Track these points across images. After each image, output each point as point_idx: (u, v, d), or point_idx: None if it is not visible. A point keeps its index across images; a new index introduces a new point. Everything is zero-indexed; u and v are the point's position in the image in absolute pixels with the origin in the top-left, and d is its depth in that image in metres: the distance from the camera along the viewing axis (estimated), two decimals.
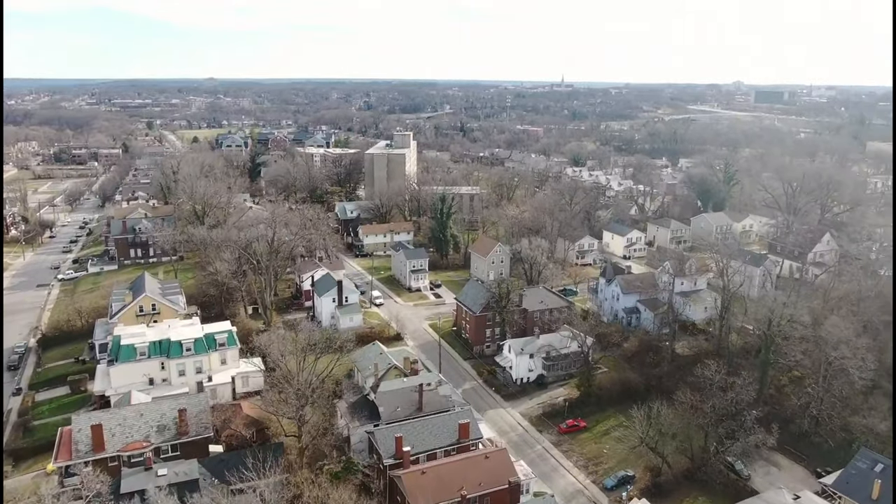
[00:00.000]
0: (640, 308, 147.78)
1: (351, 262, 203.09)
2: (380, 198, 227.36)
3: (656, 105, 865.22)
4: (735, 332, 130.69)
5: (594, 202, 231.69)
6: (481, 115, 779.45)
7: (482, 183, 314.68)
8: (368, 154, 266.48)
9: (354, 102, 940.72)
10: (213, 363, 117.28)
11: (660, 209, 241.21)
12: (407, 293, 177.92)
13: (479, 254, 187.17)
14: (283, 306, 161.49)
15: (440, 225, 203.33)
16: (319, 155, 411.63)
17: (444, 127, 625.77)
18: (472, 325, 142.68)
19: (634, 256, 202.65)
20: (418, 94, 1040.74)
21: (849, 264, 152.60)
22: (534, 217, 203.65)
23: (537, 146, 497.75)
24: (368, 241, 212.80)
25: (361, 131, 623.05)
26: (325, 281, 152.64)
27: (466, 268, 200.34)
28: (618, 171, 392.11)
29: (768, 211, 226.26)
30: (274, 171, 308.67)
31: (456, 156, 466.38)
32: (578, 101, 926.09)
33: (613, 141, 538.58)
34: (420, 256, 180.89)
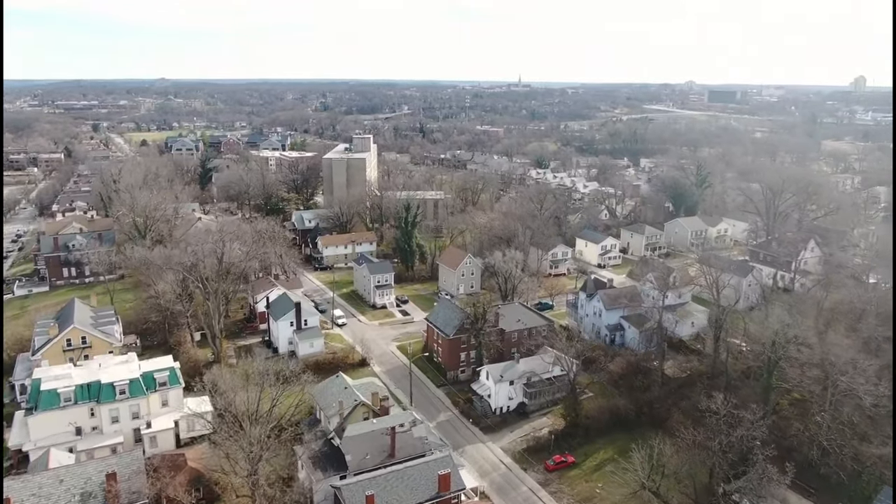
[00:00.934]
0: (624, 325, 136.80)
1: (310, 277, 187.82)
2: (340, 206, 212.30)
3: (613, 105, 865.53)
4: (728, 351, 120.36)
5: (564, 207, 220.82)
6: (440, 115, 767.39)
7: (446, 187, 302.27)
8: (327, 159, 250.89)
9: (310, 103, 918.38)
10: (153, 406, 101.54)
11: (631, 214, 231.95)
12: (371, 311, 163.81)
13: (448, 266, 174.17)
14: (236, 330, 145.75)
15: (405, 235, 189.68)
16: (275, 159, 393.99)
17: (403, 128, 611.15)
18: (445, 349, 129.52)
19: (610, 265, 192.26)
20: (376, 95, 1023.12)
21: (837, 272, 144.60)
22: (504, 225, 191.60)
23: (498, 147, 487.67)
24: (328, 252, 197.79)
25: (318, 133, 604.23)
26: (282, 302, 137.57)
27: (434, 279, 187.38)
28: (581, 173, 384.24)
29: (741, 214, 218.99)
30: (226, 177, 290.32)
31: (416, 158, 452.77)
32: (536, 101, 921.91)
33: (574, 141, 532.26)
34: (385, 270, 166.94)
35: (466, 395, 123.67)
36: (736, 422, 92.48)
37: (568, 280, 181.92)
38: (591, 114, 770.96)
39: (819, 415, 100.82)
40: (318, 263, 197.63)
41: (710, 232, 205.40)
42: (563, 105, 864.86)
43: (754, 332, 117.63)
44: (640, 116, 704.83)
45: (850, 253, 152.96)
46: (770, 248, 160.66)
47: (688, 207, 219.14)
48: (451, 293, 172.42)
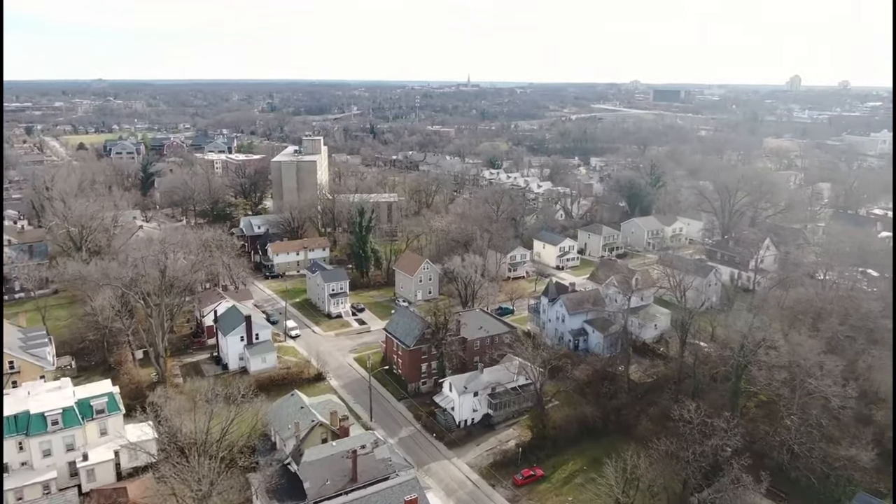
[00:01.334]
0: (587, 329, 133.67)
1: (260, 286, 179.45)
2: (290, 211, 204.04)
3: (562, 104, 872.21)
4: (695, 354, 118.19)
5: (520, 208, 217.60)
6: (390, 115, 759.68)
7: (399, 189, 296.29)
8: (276, 162, 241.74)
9: (257, 104, 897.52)
10: (90, 436, 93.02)
11: (587, 214, 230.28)
12: (326, 320, 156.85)
13: (405, 272, 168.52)
14: (182, 346, 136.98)
15: (359, 240, 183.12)
16: (221, 162, 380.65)
17: (353, 129, 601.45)
18: (405, 361, 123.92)
19: (568, 266, 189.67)
20: (324, 95, 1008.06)
21: (794, 271, 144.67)
22: (461, 228, 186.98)
23: (450, 148, 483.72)
24: (279, 260, 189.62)
25: (266, 134, 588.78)
26: (231, 316, 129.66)
27: (390, 285, 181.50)
28: (534, 173, 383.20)
29: (695, 213, 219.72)
30: (169, 182, 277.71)
31: (368, 159, 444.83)
32: (486, 100, 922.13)
33: (525, 141, 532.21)
34: (339, 278, 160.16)
35: (429, 408, 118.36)
36: (709, 431, 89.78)
37: (527, 283, 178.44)
38: (541, 113, 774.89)
39: (788, 418, 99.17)
40: (268, 271, 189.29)
41: (666, 231, 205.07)
42: (513, 105, 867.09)
43: (720, 335, 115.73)
44: (589, 116, 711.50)
45: (806, 251, 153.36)
46: (727, 248, 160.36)
47: (643, 207, 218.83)
48: (409, 300, 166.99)
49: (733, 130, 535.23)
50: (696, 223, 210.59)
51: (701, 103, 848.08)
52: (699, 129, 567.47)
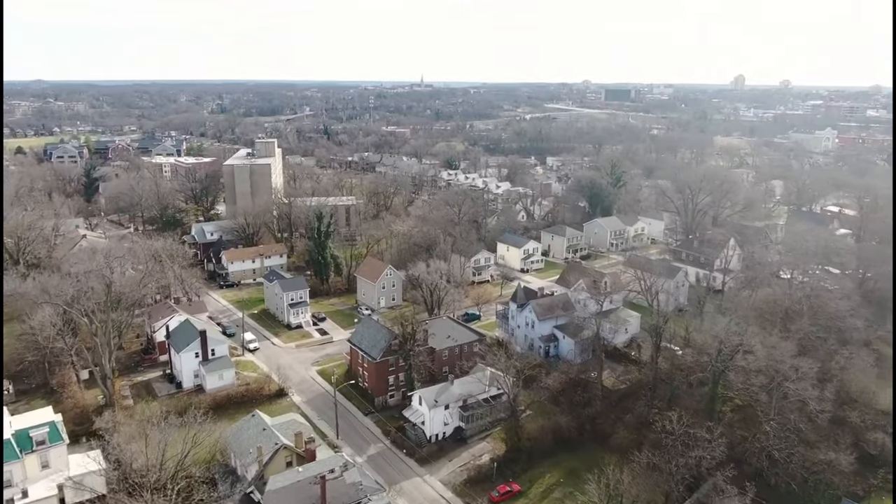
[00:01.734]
0: (558, 335, 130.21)
1: (215, 297, 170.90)
2: (245, 216, 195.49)
3: (515, 104, 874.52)
4: (668, 359, 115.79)
5: (482, 210, 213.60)
6: (343, 116, 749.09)
7: (356, 191, 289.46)
8: (228, 165, 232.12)
9: (206, 105, 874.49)
10: (30, 470, 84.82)
11: (548, 215, 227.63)
12: (286, 331, 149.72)
13: (367, 279, 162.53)
14: (132, 364, 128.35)
15: (318, 246, 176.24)
16: (170, 165, 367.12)
17: (306, 130, 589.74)
18: (371, 374, 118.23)
19: (532, 269, 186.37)
20: (275, 96, 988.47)
21: (760, 270, 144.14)
22: (423, 232, 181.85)
23: (406, 148, 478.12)
24: (234, 268, 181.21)
25: (216, 136, 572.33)
26: (184, 331, 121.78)
27: (351, 293, 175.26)
28: (492, 173, 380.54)
29: (655, 212, 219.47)
30: (115, 187, 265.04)
31: (322, 161, 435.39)
32: (440, 100, 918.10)
33: (481, 141, 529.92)
34: (299, 286, 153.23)
35: (398, 422, 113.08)
36: (692, 441, 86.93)
37: (492, 287, 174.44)
38: (495, 113, 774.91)
39: (767, 423, 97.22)
40: (223, 281, 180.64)
41: (629, 231, 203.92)
42: (467, 105, 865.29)
43: (695, 340, 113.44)
44: (543, 115, 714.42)
45: (770, 250, 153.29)
46: (692, 248, 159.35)
47: (604, 207, 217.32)
48: (372, 307, 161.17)
49: (684, 129, 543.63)
50: (657, 223, 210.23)
51: (651, 102, 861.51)
52: (651, 128, 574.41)
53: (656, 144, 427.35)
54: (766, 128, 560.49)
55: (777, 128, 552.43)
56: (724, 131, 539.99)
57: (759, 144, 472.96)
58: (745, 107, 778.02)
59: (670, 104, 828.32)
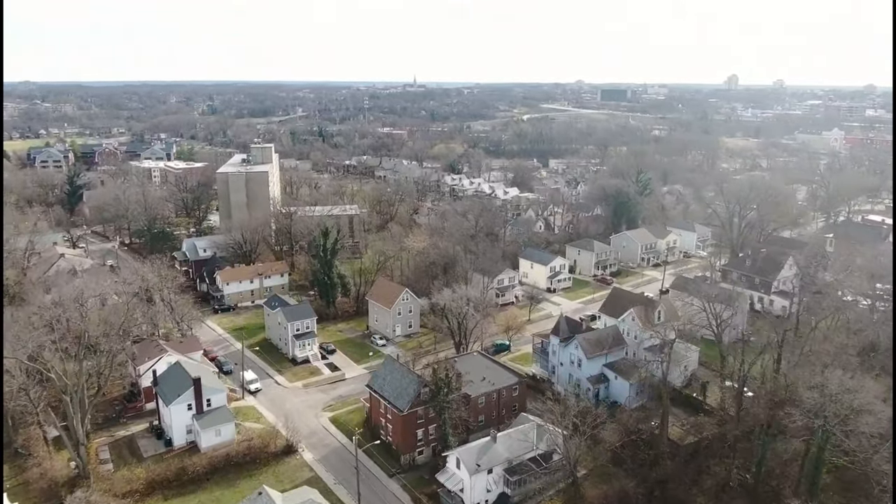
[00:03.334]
0: (608, 375, 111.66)
1: (209, 324, 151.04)
2: (242, 231, 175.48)
3: (511, 104, 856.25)
4: (746, 408, 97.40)
5: (499, 220, 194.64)
6: (337, 117, 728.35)
7: (358, 199, 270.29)
8: (222, 173, 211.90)
9: (196, 106, 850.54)
10: None
11: (569, 225, 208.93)
12: (291, 367, 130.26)
13: (381, 304, 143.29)
14: (113, 414, 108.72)
15: (324, 265, 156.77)
16: (159, 170, 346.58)
17: (300, 132, 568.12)
18: (397, 427, 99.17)
19: (560, 288, 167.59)
20: (266, 97, 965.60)
21: (824, 293, 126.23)
22: (439, 247, 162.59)
23: (405, 151, 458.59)
24: (231, 290, 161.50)
25: (207, 139, 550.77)
26: (174, 377, 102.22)
27: (360, 316, 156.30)
28: (496, 176, 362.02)
29: (685, 222, 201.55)
30: (100, 196, 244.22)
31: (319, 165, 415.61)
32: (435, 101, 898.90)
33: (481, 143, 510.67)
34: (305, 315, 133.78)
35: (430, 486, 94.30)
36: None
37: (518, 310, 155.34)
38: (491, 113, 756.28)
39: (884, 494, 79.15)
40: (218, 304, 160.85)
41: (660, 244, 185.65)
42: (462, 105, 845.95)
43: (769, 378, 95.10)
44: (541, 116, 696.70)
45: (830, 268, 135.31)
46: (744, 267, 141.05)
47: (629, 217, 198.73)
48: (386, 336, 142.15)
49: (686, 130, 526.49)
50: (688, 234, 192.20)
51: (648, 103, 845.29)
52: (652, 129, 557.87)
53: (663, 146, 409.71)
54: (771, 128, 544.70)
55: (781, 128, 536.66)
56: (727, 132, 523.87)
57: (766, 146, 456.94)
58: (742, 107, 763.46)
59: (667, 104, 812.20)
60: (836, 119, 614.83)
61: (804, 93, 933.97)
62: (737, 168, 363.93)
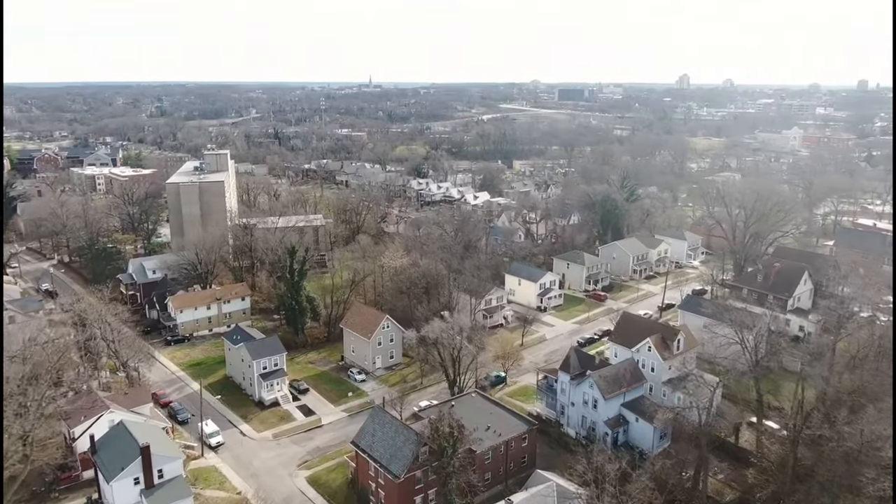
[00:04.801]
0: (628, 416, 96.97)
1: (161, 359, 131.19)
2: (196, 249, 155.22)
3: (469, 104, 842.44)
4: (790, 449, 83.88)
5: (480, 231, 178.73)
6: (292, 119, 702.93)
7: (321, 206, 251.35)
8: (172, 184, 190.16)
9: (145, 108, 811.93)
10: None
11: (552, 235, 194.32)
12: (258, 412, 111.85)
13: (359, 333, 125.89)
14: (42, 488, 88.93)
15: (292, 288, 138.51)
16: (104, 178, 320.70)
17: (255, 134, 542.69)
18: (391, 495, 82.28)
19: (551, 306, 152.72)
20: (218, 98, 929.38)
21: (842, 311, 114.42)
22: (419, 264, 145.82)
23: (365, 154, 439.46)
24: (185, 318, 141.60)
25: (157, 142, 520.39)
26: (117, 443, 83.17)
27: (332, 342, 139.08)
28: (462, 179, 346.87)
29: (674, 230, 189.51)
30: (36, 208, 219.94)
31: (276, 169, 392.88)
32: (391, 101, 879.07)
33: (443, 144, 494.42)
34: (272, 350, 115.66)
35: None
36: None
37: (509, 333, 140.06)
38: (450, 114, 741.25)
39: None
40: (171, 335, 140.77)
41: (651, 255, 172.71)
42: (420, 105, 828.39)
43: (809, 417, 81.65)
44: (500, 116, 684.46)
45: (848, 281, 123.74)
46: (755, 283, 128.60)
47: (616, 226, 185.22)
48: (365, 369, 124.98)
49: (649, 129, 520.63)
50: (678, 242, 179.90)
51: (605, 102, 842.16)
52: (614, 129, 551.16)
53: (630, 147, 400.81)
54: (731, 127, 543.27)
55: (741, 127, 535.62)
56: (689, 132, 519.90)
57: (729, 145, 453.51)
58: (697, 105, 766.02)
59: (624, 103, 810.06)
60: (789, 117, 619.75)
61: (754, 92, 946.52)
62: (704, 168, 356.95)
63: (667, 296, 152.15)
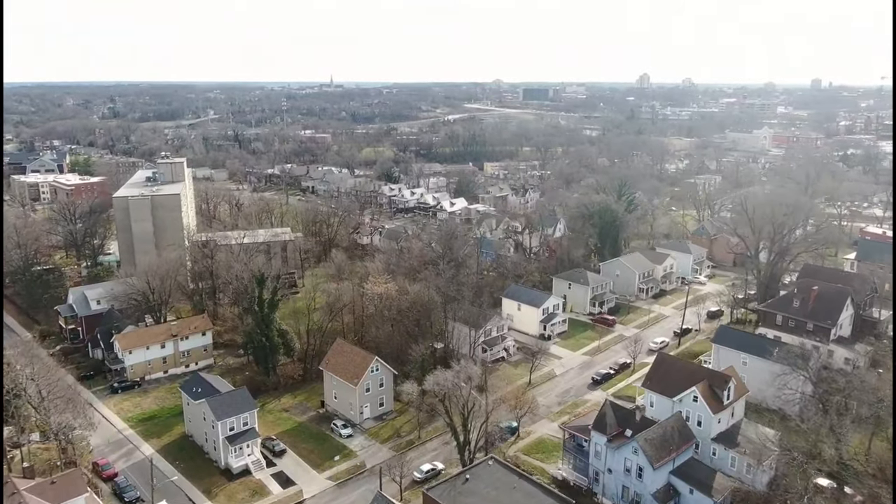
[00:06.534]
0: (680, 487, 79.55)
1: (103, 411, 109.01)
2: (148, 276, 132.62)
3: (433, 104, 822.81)
4: None
5: (471, 248, 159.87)
6: (252, 120, 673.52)
7: (288, 217, 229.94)
8: (120, 198, 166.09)
9: (96, 109, 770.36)
10: None
11: (545, 249, 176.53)
12: (224, 483, 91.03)
13: (342, 378, 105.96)
14: None
15: (261, 323, 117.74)
16: (48, 186, 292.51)
17: (214, 137, 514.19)
18: None
19: (556, 334, 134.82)
20: (174, 98, 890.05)
21: None
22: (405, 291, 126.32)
23: (331, 157, 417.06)
24: (135, 359, 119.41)
25: (108, 146, 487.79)
26: None
27: (309, 382, 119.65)
28: (435, 183, 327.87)
29: (677, 242, 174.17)
30: None
31: (237, 174, 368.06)
32: (354, 101, 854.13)
33: (410, 146, 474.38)
34: (240, 407, 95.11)
35: None
36: None
37: (512, 369, 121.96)
38: (414, 114, 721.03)
39: None
40: (118, 379, 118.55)
41: (657, 271, 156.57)
42: (384, 106, 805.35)
43: None
44: (467, 116, 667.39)
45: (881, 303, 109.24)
46: (790, 309, 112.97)
47: (614, 238, 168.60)
48: (351, 420, 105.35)
49: (619, 129, 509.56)
50: (682, 255, 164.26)
51: (571, 102, 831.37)
52: (583, 129, 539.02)
53: (605, 148, 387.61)
54: (701, 127, 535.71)
55: (711, 127, 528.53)
56: (659, 131, 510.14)
57: (700, 145, 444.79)
58: (661, 105, 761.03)
59: (590, 103, 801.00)
60: (754, 116, 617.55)
61: (715, 91, 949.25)
62: (682, 169, 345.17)
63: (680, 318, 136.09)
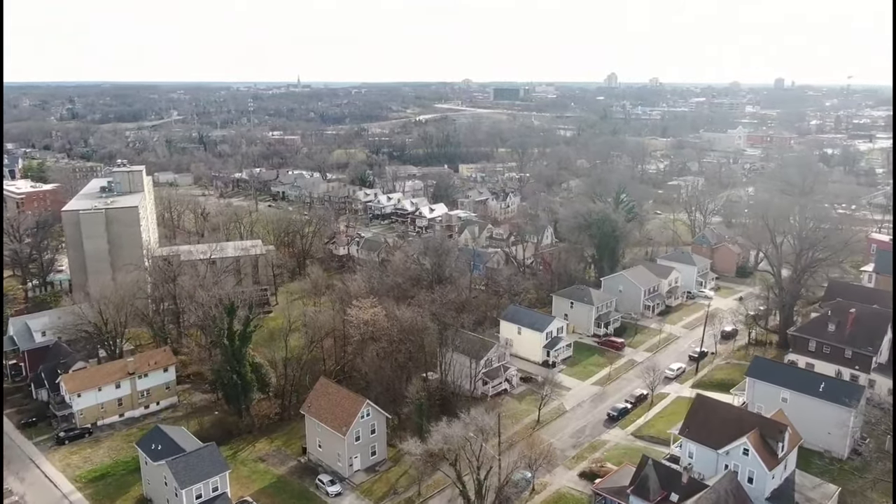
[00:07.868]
0: None
1: (47, 470, 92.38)
2: (101, 304, 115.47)
3: (404, 104, 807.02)
4: None
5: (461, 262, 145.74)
6: (218, 121, 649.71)
7: (258, 227, 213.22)
8: (70, 212, 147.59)
9: (54, 111, 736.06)
10: None
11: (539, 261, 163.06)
12: None
13: (327, 425, 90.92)
14: None
15: (232, 358, 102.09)
16: None
17: (177, 139, 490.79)
18: None
19: (560, 360, 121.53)
20: (136, 99, 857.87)
21: None
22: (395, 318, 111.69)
23: (301, 159, 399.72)
24: (84, 402, 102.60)
25: (65, 149, 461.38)
26: None
27: (286, 422, 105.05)
28: (411, 187, 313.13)
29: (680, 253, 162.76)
30: None
31: (202, 179, 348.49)
32: (323, 102, 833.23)
33: (382, 147, 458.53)
34: (209, 471, 79.52)
35: None
36: None
37: (516, 403, 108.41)
38: (385, 114, 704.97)
39: None
40: (65, 427, 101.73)
41: (662, 286, 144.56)
42: (353, 106, 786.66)
43: None
44: (439, 116, 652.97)
45: None
46: (826, 335, 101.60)
47: (612, 250, 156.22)
48: (339, 473, 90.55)
49: (594, 129, 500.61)
50: (686, 268, 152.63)
51: (541, 102, 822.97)
52: (558, 129, 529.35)
53: (583, 149, 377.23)
54: (674, 127, 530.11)
55: (685, 126, 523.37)
56: (634, 131, 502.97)
57: (675, 145, 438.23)
58: (631, 104, 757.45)
59: (561, 103, 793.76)
60: (725, 115, 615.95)
61: (682, 90, 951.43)
62: (663, 171, 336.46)
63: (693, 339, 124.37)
